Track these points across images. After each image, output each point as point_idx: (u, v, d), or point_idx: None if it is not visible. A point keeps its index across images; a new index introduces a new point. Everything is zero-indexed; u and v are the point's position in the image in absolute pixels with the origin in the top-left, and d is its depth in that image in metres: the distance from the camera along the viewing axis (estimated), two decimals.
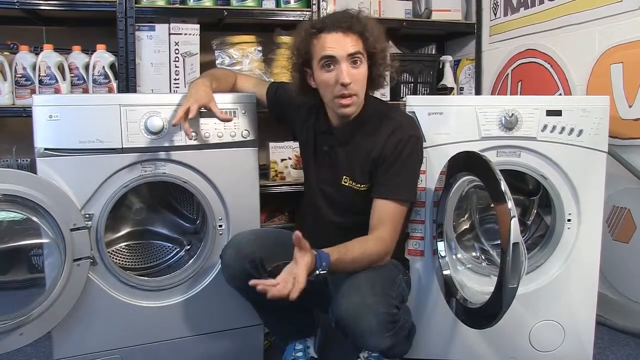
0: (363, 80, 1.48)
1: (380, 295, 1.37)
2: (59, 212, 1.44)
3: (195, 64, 2.17)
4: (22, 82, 1.96)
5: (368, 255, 1.43)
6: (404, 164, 1.49)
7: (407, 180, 1.50)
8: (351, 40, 1.44)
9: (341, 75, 1.43)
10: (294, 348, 1.72)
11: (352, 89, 1.45)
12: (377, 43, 1.48)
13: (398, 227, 1.50)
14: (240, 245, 1.50)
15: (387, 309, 1.36)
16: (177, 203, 1.90)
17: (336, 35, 1.44)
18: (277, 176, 2.20)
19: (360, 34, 1.45)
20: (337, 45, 1.43)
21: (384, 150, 1.49)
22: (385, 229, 1.46)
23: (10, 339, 1.44)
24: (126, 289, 1.59)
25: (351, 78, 1.43)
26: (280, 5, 2.27)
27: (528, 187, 1.85)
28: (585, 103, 1.68)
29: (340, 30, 1.44)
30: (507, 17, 2.47)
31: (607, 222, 2.02)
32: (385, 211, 1.47)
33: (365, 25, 1.46)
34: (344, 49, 1.43)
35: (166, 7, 2.13)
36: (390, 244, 1.48)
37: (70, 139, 1.48)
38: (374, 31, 1.47)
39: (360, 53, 1.45)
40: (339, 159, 1.57)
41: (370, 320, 1.32)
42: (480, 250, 1.87)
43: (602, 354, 1.82)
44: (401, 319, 1.41)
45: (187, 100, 1.52)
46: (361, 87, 1.48)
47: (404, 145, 1.48)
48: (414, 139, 1.51)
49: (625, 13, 1.89)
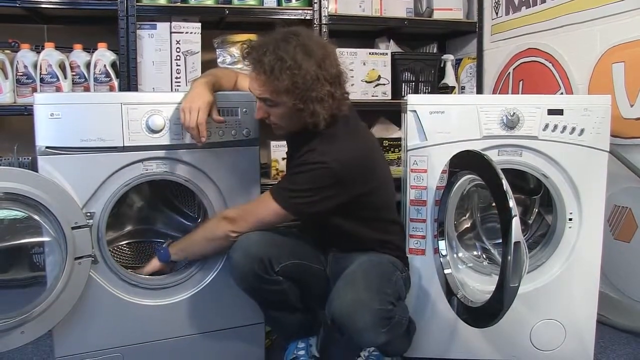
0: (281, 116, 1.48)
1: (375, 292, 1.38)
2: (60, 210, 1.44)
3: (197, 63, 2.17)
4: (23, 80, 1.96)
5: (203, 230, 1.58)
6: (294, 174, 1.49)
7: (286, 186, 1.48)
8: (260, 85, 1.43)
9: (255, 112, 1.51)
10: (296, 347, 1.72)
11: (271, 122, 1.51)
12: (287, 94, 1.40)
13: (252, 217, 1.51)
14: (248, 246, 1.50)
15: (382, 305, 1.36)
16: (179, 201, 1.90)
17: (251, 74, 1.47)
18: (278, 175, 2.20)
19: (267, 79, 1.40)
20: (250, 85, 1.48)
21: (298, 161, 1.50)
22: (237, 210, 1.54)
23: (12, 337, 1.44)
24: (127, 288, 1.59)
25: (264, 115, 1.49)
26: (281, 4, 2.27)
27: (529, 186, 1.85)
28: (587, 102, 1.68)
29: (253, 70, 1.45)
30: (509, 16, 2.46)
31: (609, 222, 2.02)
32: (260, 197, 1.57)
33: (275, 72, 1.38)
34: (254, 90, 1.47)
35: (167, 6, 2.13)
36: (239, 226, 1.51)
37: (71, 137, 1.48)
38: (283, 79, 1.37)
39: (269, 98, 1.44)
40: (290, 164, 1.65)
41: (364, 317, 1.33)
42: (481, 249, 1.87)
43: (603, 353, 1.82)
44: (397, 315, 1.41)
45: (190, 103, 1.50)
46: (281, 121, 1.50)
47: (304, 164, 1.46)
48: (319, 166, 1.43)
49: (627, 12, 1.88)
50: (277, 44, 1.41)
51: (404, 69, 2.50)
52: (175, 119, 1.56)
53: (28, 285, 1.53)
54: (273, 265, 1.48)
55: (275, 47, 1.40)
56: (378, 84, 2.46)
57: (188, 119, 1.49)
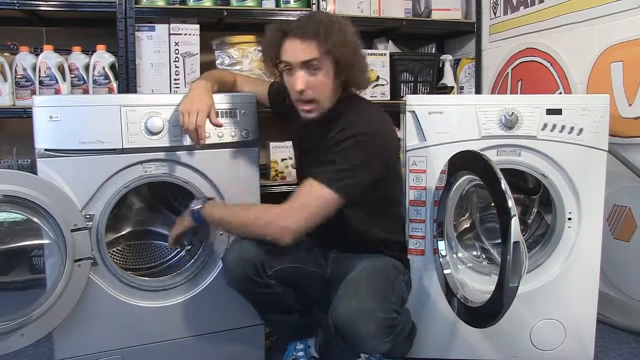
0: (322, 86, 1.46)
1: (380, 300, 1.36)
2: (60, 212, 1.44)
3: (195, 64, 2.17)
4: (22, 82, 1.96)
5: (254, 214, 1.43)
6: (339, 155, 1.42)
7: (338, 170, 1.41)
8: (307, 47, 1.42)
9: (294, 82, 1.44)
10: (295, 348, 1.73)
11: (308, 95, 1.45)
12: (340, 47, 1.42)
13: (309, 209, 1.39)
14: (241, 249, 1.49)
15: (386, 314, 1.35)
16: (178, 203, 1.90)
17: (294, 41, 1.43)
18: (277, 176, 2.20)
19: (317, 40, 1.41)
20: (292, 52, 1.43)
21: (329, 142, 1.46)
22: (291, 202, 1.40)
23: (12, 340, 1.44)
24: (127, 290, 1.59)
25: (306, 85, 1.43)
26: (280, 5, 2.27)
27: (528, 186, 1.85)
28: (586, 102, 1.68)
29: (298, 37, 1.42)
30: (507, 16, 2.46)
31: (608, 221, 2.02)
32: (303, 187, 1.42)
33: (325, 30, 1.41)
34: (298, 56, 1.43)
35: (166, 8, 2.13)
36: (290, 216, 1.39)
37: (70, 139, 1.48)
38: (334, 35, 1.41)
39: (317, 60, 1.42)
40: (310, 156, 1.58)
41: (369, 326, 1.32)
42: (480, 249, 1.87)
43: (603, 352, 1.82)
44: (401, 322, 1.40)
45: (190, 105, 1.50)
46: (320, 93, 1.46)
47: (347, 139, 1.42)
48: (362, 136, 1.43)
49: (625, 11, 1.88)
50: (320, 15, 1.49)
51: (402, 70, 2.50)
52: (175, 120, 1.56)
53: (28, 287, 1.53)
54: (266, 269, 1.47)
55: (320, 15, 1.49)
56: (377, 85, 2.46)
57: (187, 122, 1.49)
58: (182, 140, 1.57)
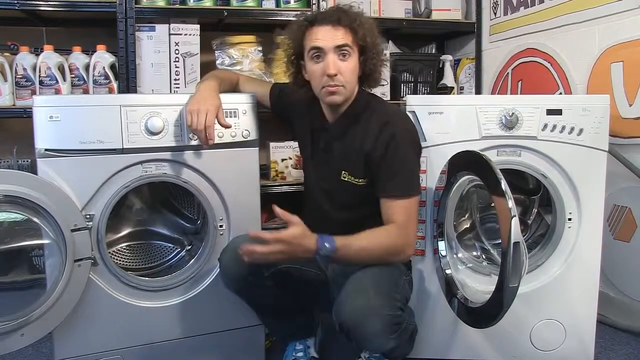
0: (351, 72, 1.49)
1: (385, 298, 1.36)
2: (60, 212, 1.44)
3: (196, 64, 2.16)
4: (22, 82, 1.96)
5: (380, 244, 1.41)
6: (404, 161, 1.48)
7: (410, 176, 1.49)
8: (339, 33, 1.46)
9: (327, 66, 1.45)
10: (294, 348, 1.72)
11: (339, 80, 1.47)
12: (368, 36, 1.49)
13: (412, 217, 1.48)
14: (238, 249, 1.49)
15: (392, 311, 1.35)
16: (178, 203, 1.90)
17: (325, 27, 1.46)
18: (277, 176, 2.20)
19: (349, 27, 1.47)
20: (325, 37, 1.46)
21: (377, 146, 1.48)
22: (397, 221, 1.44)
23: (12, 340, 1.44)
24: (127, 290, 1.59)
25: (338, 69, 1.45)
26: (280, 5, 2.27)
27: (528, 186, 1.85)
28: (586, 102, 1.68)
29: (330, 23, 1.46)
30: (507, 17, 2.46)
31: (608, 221, 2.02)
32: (394, 207, 1.46)
33: (355, 18, 1.48)
34: (331, 40, 1.45)
35: (166, 8, 2.13)
36: (406, 233, 1.45)
37: (70, 139, 1.48)
38: (364, 24, 1.48)
39: (349, 45, 1.46)
40: (335, 155, 1.57)
41: (375, 323, 1.31)
42: (481, 250, 1.87)
43: (603, 352, 1.82)
44: (405, 320, 1.40)
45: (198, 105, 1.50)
46: (349, 79, 1.49)
47: (399, 141, 1.47)
48: (407, 134, 1.51)
49: (626, 12, 1.88)
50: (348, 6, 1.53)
51: (402, 70, 2.49)
52: (175, 120, 1.56)
53: (28, 287, 1.53)
54: (262, 270, 1.47)
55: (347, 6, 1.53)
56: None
57: (196, 121, 1.49)
58: (183, 140, 1.57)
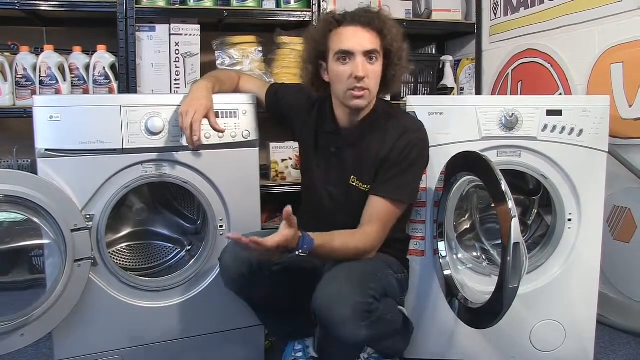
0: (377, 77, 1.48)
1: (357, 286, 1.35)
2: (60, 212, 1.44)
3: (196, 65, 2.17)
4: (22, 82, 1.96)
5: (349, 248, 1.43)
6: (408, 167, 1.49)
7: (408, 183, 1.50)
8: (370, 37, 1.45)
9: (356, 69, 1.43)
10: (293, 348, 1.72)
11: (366, 84, 1.45)
12: (395, 42, 1.49)
13: (387, 227, 1.49)
14: (238, 249, 1.48)
15: (362, 299, 1.33)
16: (178, 203, 1.90)
17: (355, 29, 1.45)
18: (277, 176, 2.20)
19: (379, 31, 1.46)
20: (355, 40, 1.44)
21: (392, 152, 1.49)
22: (374, 226, 1.46)
23: (11, 340, 1.44)
24: (127, 290, 1.59)
25: (366, 73, 1.44)
26: (280, 6, 2.27)
27: (528, 187, 1.85)
28: (586, 103, 1.68)
29: (360, 25, 1.45)
30: (508, 17, 2.46)
31: (608, 222, 2.02)
32: (378, 208, 1.47)
33: (384, 23, 1.47)
34: (361, 44, 1.44)
35: (166, 8, 2.13)
36: (375, 241, 1.47)
37: (70, 139, 1.48)
38: (392, 30, 1.48)
39: (377, 51, 1.46)
40: (347, 160, 1.56)
41: (343, 309, 1.30)
42: (481, 250, 1.87)
43: (603, 353, 1.82)
44: (379, 310, 1.38)
45: (188, 107, 1.50)
46: (375, 83, 1.48)
47: (412, 148, 1.48)
48: (422, 143, 1.52)
49: (626, 13, 1.89)
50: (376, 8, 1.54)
51: None
52: (175, 121, 1.56)
53: (28, 287, 1.53)
54: (262, 269, 1.47)
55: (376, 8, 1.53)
56: None
57: (181, 121, 1.50)
58: (182, 141, 1.57)
